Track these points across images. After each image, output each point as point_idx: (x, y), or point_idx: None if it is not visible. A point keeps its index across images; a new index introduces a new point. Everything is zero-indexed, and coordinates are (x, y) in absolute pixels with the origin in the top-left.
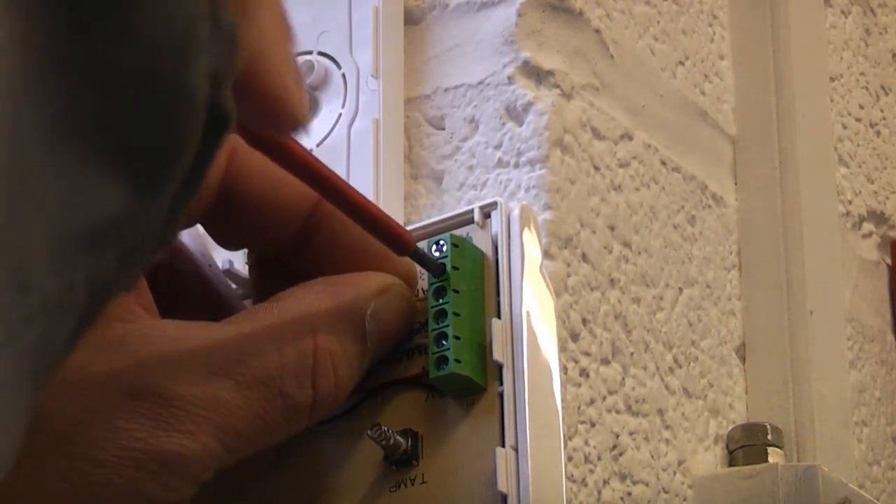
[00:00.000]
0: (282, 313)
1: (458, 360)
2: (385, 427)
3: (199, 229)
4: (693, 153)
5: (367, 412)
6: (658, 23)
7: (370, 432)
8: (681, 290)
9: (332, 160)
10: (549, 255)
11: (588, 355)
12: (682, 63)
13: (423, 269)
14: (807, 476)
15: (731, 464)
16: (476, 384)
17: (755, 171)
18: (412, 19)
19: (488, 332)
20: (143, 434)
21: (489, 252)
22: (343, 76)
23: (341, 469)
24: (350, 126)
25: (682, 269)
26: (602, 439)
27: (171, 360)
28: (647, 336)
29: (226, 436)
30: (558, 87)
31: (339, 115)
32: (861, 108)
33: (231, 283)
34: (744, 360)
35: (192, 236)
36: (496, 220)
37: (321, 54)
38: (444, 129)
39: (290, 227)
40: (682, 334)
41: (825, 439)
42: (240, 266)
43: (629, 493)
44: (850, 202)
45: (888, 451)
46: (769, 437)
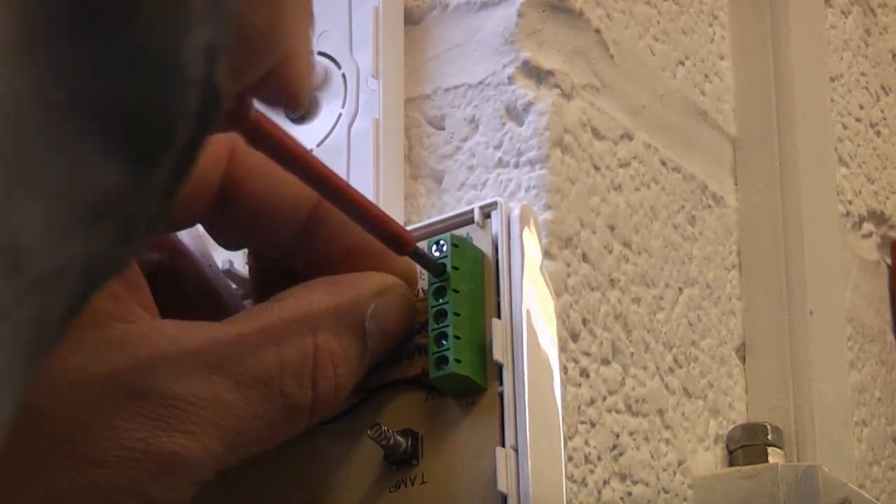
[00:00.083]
0: (282, 313)
1: (458, 360)
2: (385, 427)
3: (199, 229)
4: (693, 153)
5: (367, 412)
6: (658, 23)
7: (370, 432)
8: (681, 290)
9: (332, 160)
10: (549, 255)
11: (588, 355)
12: (682, 63)
13: (423, 268)
14: (807, 476)
15: (731, 464)
16: (476, 384)
17: (755, 171)
18: (412, 19)
19: (488, 332)
20: (143, 434)
21: (489, 252)
22: (343, 76)
23: (341, 469)
24: (350, 126)
25: (682, 269)
26: (602, 439)
27: (171, 360)
28: (647, 336)
29: (226, 436)
30: (558, 87)
31: (339, 115)
32: (861, 108)
33: (231, 283)
34: (744, 360)
35: (192, 236)
36: (496, 220)
37: (321, 54)
38: (444, 129)
39: (290, 227)
40: (682, 334)
41: (825, 439)
42: (240, 266)
43: (629, 493)
44: (850, 202)
45: (888, 451)
46: (769, 437)
